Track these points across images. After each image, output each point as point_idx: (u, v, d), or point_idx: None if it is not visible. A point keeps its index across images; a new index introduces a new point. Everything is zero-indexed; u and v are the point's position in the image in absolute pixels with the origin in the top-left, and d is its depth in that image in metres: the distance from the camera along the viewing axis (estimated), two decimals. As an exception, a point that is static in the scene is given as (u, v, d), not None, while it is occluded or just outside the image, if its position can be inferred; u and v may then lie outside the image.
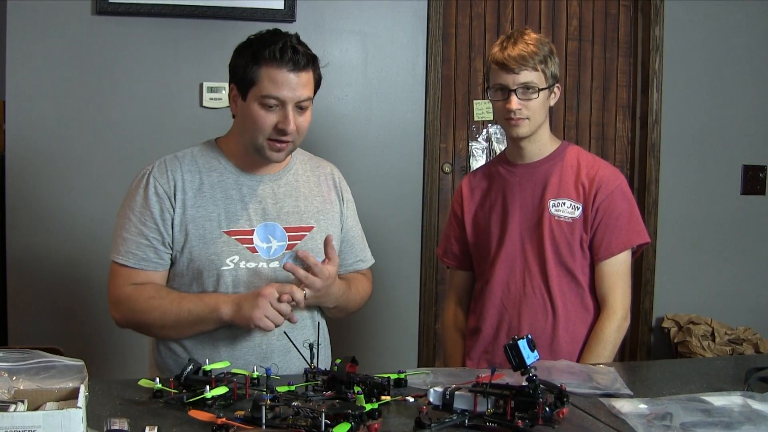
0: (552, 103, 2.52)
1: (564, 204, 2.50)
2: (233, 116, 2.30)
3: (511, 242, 2.54)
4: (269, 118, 2.15)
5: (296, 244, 2.28)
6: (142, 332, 2.29)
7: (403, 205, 3.92)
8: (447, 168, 4.00)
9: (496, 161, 2.70)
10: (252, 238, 2.23)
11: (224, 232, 2.21)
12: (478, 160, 4.04)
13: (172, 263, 2.24)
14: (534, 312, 2.50)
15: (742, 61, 4.23)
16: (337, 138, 3.81)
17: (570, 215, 2.49)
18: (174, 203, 2.21)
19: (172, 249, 2.22)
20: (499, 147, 4.04)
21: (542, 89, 2.44)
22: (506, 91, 2.45)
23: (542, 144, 2.56)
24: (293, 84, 2.14)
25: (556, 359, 2.33)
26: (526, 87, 2.43)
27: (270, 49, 2.12)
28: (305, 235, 2.30)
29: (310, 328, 2.31)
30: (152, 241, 2.20)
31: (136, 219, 2.21)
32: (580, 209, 2.48)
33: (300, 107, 2.17)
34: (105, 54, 3.56)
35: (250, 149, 2.23)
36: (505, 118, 2.48)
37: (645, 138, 4.13)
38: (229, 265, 2.20)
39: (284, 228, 2.27)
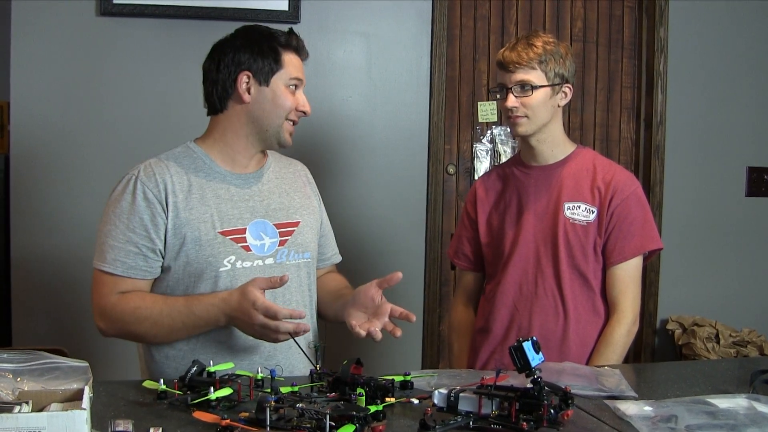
0: (561, 103, 2.53)
1: (579, 207, 2.50)
2: (216, 112, 2.28)
3: (525, 243, 2.55)
4: (293, 100, 2.25)
5: (287, 239, 2.28)
6: (131, 340, 2.26)
7: (408, 207, 3.92)
8: (451, 169, 4.00)
9: (510, 163, 2.72)
10: (245, 237, 2.22)
11: (219, 232, 2.19)
12: (483, 162, 4.04)
13: (165, 270, 2.19)
14: (545, 314, 2.51)
15: (747, 63, 4.22)
16: (340, 139, 3.81)
17: (585, 218, 2.49)
18: (166, 208, 2.16)
19: (163, 257, 2.17)
20: (503, 148, 4.04)
21: (538, 87, 2.45)
22: (504, 90, 2.49)
23: (555, 145, 2.57)
24: (302, 69, 2.31)
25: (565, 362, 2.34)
26: (522, 85, 2.46)
27: (288, 38, 2.26)
28: (294, 230, 2.31)
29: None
30: (142, 249, 2.14)
31: (123, 226, 2.15)
32: (595, 213, 2.49)
33: None
34: (109, 55, 3.57)
35: (269, 134, 2.27)
36: (506, 117, 2.52)
37: (649, 139, 4.12)
38: (226, 266, 2.18)
39: (274, 224, 2.28)
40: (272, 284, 2.02)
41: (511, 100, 2.46)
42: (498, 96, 2.54)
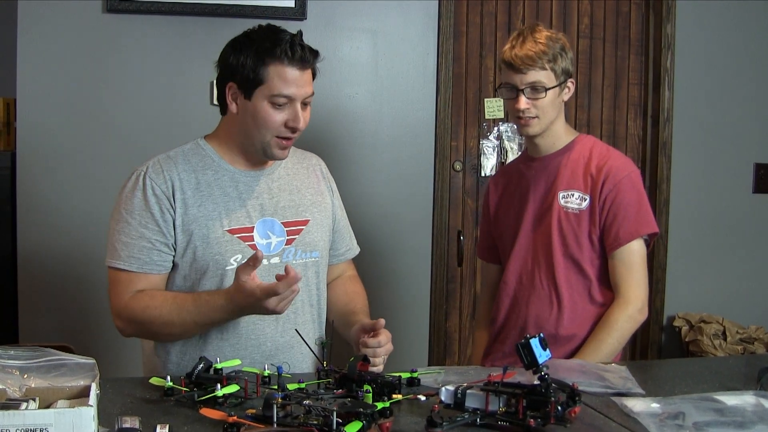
0: (565, 98, 2.52)
1: (573, 195, 2.50)
2: (222, 114, 2.26)
3: (524, 235, 2.58)
4: (279, 116, 2.14)
5: (294, 238, 2.27)
6: (149, 339, 2.27)
7: (414, 203, 3.92)
8: (458, 166, 4.00)
9: (519, 158, 2.77)
10: (252, 236, 2.21)
11: (227, 231, 2.18)
12: (489, 158, 4.04)
13: (174, 267, 2.20)
14: (540, 303, 2.52)
15: (754, 59, 4.21)
16: (347, 136, 3.81)
17: (578, 206, 2.49)
18: (174, 204, 2.16)
19: (174, 251, 2.18)
20: (510, 145, 4.03)
21: (550, 88, 2.44)
22: (515, 91, 2.46)
23: (557, 137, 2.56)
24: (300, 81, 2.14)
25: (558, 350, 2.36)
26: (534, 87, 2.43)
27: (280, 48, 2.10)
28: (302, 229, 2.29)
29: (309, 324, 2.31)
30: (155, 244, 2.15)
31: (136, 222, 2.15)
32: (588, 200, 2.48)
33: (304, 103, 2.18)
34: (115, 52, 3.57)
35: (256, 148, 2.21)
36: (515, 117, 2.50)
37: (656, 136, 4.11)
38: (233, 265, 2.17)
39: (282, 223, 2.26)
40: (254, 265, 1.96)
41: (523, 103, 2.43)
42: (505, 95, 2.52)
